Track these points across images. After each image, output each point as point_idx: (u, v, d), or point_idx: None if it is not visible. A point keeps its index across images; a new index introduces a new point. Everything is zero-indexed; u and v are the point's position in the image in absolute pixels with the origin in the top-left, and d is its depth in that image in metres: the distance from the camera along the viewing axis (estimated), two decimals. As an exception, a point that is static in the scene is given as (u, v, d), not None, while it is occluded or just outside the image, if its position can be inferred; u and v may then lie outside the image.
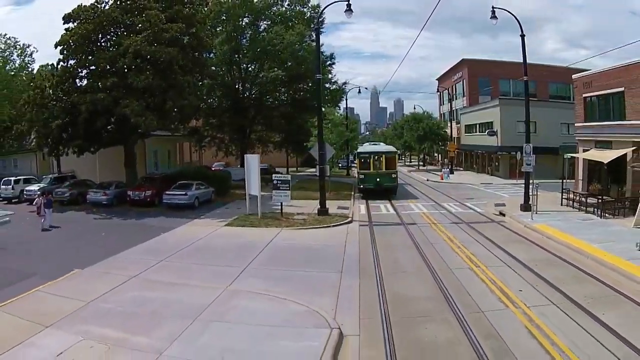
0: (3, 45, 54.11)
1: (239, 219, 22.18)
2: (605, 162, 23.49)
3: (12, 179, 35.82)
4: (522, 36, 24.60)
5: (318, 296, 11.02)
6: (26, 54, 56.34)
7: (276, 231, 19.54)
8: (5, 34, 53.83)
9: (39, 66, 56.55)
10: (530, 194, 23.42)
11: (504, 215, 23.57)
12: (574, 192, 25.86)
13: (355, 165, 48.47)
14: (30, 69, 56.23)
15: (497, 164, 50.88)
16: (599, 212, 22.06)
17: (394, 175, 32.41)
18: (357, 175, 36.16)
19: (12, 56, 55.50)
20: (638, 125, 22.57)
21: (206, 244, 17.51)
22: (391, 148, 37.23)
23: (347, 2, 22.64)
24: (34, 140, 33.03)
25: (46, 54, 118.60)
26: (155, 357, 7.83)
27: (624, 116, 23.72)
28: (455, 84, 72.21)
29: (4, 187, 34.63)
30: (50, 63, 54.80)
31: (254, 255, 15.28)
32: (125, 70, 27.54)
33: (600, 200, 22.79)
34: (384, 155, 32.31)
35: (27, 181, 36.27)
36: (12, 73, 54.09)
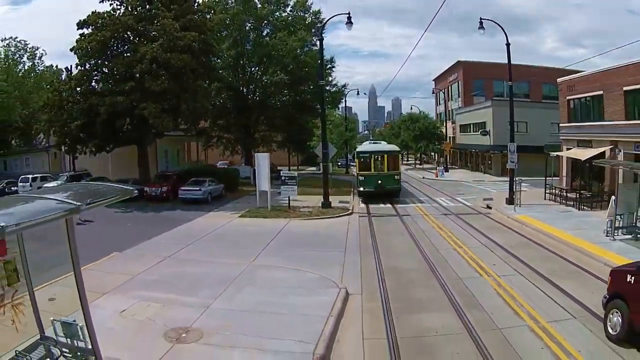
0: (13, 48, 56.21)
1: (250, 212, 24.43)
2: (583, 159, 25.69)
3: (30, 176, 37.92)
4: (508, 45, 26.82)
5: (327, 268, 13.35)
6: (36, 55, 58.48)
7: (286, 221, 21.89)
8: (16, 37, 55.73)
9: (44, 67, 58.71)
10: (515, 189, 25.66)
11: (490, 208, 25.82)
12: (556, 188, 28.08)
13: (354, 164, 47.91)
14: (38, 71, 58.31)
15: (489, 162, 53.07)
16: (578, 205, 24.33)
17: (396, 177, 29.79)
18: (356, 177, 32.58)
19: (22, 58, 57.52)
20: (615, 126, 24.58)
21: (225, 232, 19.82)
22: (393, 147, 34.65)
23: (347, 15, 24.93)
24: (55, 139, 35.03)
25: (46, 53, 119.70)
26: (203, 309, 10.06)
27: (602, 117, 25.67)
28: (451, 85, 74.46)
29: (21, 184, 36.70)
30: (55, 65, 56.82)
31: (269, 240, 17.59)
32: (140, 75, 29.65)
33: (578, 195, 25.09)
34: (385, 155, 29.88)
35: (44, 179, 38.38)
36: (21, 74, 56.03)
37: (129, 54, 30.95)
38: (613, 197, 20.44)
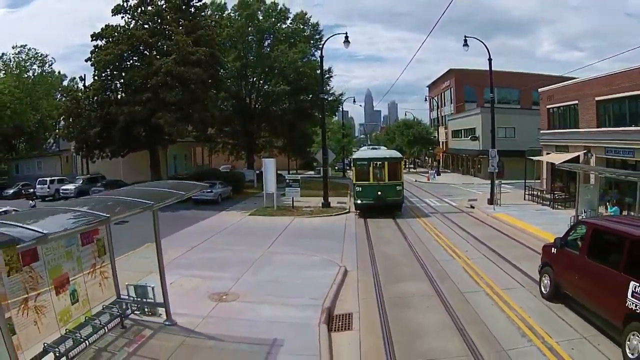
0: (24, 55, 58.84)
1: (258, 211, 27.35)
2: (557, 163, 28.53)
3: (48, 179, 40.26)
4: (490, 60, 29.84)
5: (329, 253, 16.36)
6: (45, 63, 61.08)
7: (291, 218, 24.88)
8: (26, 45, 58.34)
9: (47, 72, 61.24)
10: (496, 190, 28.54)
11: (473, 207, 28.73)
12: (535, 189, 30.94)
13: (350, 169, 46.82)
14: (45, 75, 60.87)
15: (479, 166, 55.82)
16: (552, 205, 27.20)
17: (399, 188, 25.98)
18: (353, 188, 28.46)
19: (32, 66, 60.03)
20: (588, 132, 27.05)
21: (239, 227, 22.75)
22: (395, 153, 29.90)
23: (344, 34, 27.91)
24: (75, 145, 37.61)
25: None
26: (235, 281, 12.92)
27: (577, 124, 28.27)
28: (444, 92, 77.56)
29: (39, 186, 39.08)
30: (58, 70, 59.16)
31: (278, 233, 20.56)
32: (155, 86, 32.33)
33: (553, 195, 27.98)
34: (386, 162, 26.07)
35: (61, 181, 40.85)
36: (31, 80, 58.54)
37: (143, 67, 33.64)
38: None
